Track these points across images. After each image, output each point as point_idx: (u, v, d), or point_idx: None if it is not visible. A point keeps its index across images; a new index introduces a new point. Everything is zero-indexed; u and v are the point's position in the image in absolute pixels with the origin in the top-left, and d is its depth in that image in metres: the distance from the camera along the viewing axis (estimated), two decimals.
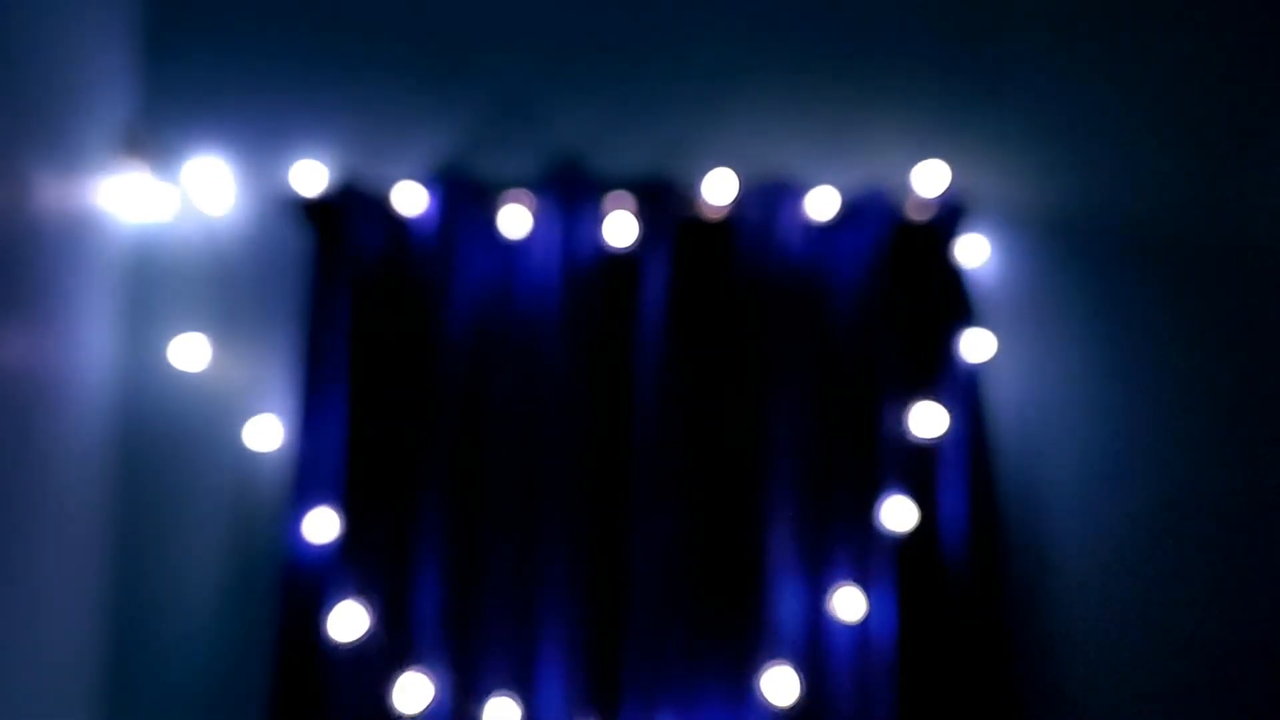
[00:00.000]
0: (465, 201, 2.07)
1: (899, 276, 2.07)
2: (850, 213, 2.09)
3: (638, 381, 2.02)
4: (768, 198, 2.08)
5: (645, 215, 2.07)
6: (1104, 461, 2.12)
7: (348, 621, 1.92)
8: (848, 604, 1.97)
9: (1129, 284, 2.16)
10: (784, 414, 2.02)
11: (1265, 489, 2.12)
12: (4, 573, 1.63)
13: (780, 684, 1.93)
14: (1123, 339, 2.15)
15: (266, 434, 2.03)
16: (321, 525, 1.95)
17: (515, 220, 2.05)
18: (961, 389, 2.04)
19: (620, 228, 2.05)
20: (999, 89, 2.19)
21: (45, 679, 1.80)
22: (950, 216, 2.09)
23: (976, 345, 2.05)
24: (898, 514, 1.99)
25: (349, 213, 2.05)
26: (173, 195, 2.08)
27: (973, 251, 2.10)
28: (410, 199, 2.06)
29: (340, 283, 2.03)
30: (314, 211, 2.06)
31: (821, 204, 2.08)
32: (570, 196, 2.07)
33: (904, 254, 2.07)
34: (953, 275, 2.09)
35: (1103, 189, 2.18)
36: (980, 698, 1.98)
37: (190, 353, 2.04)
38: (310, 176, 2.07)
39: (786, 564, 1.98)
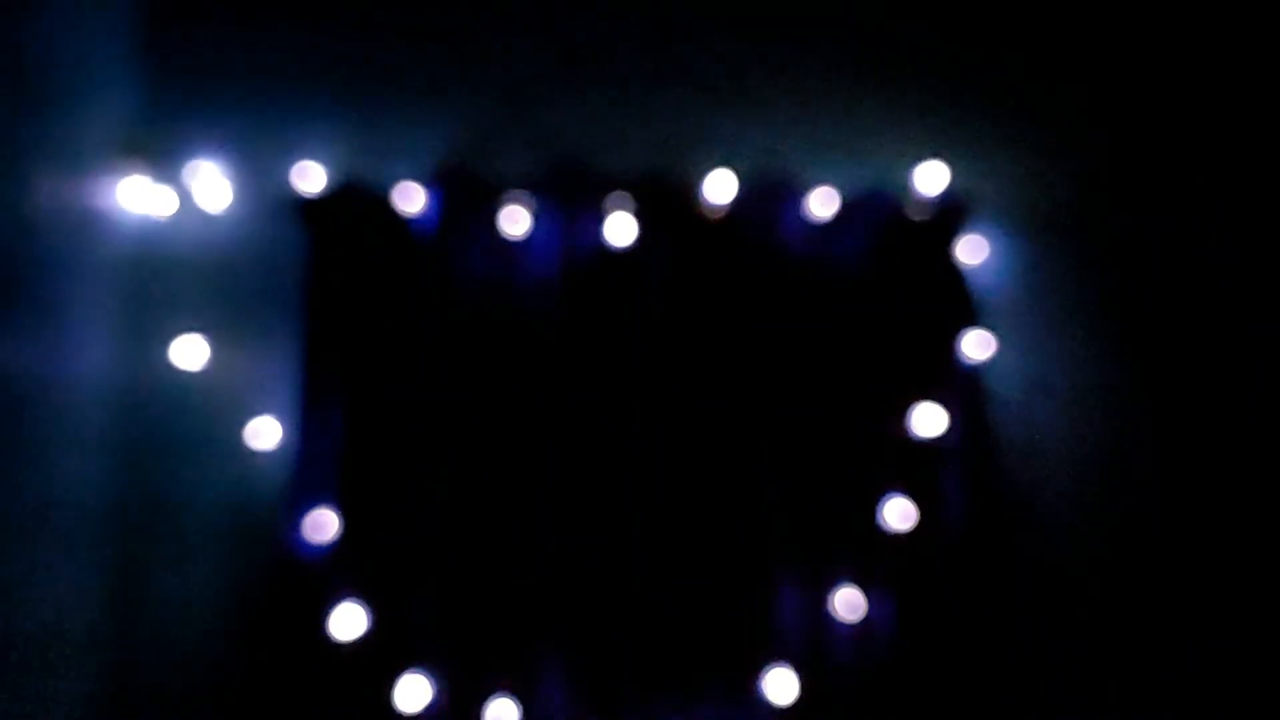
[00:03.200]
0: (465, 201, 2.06)
1: (900, 275, 2.07)
2: (850, 212, 2.09)
3: (639, 380, 2.02)
4: (768, 197, 2.08)
5: (645, 215, 2.07)
6: (1104, 458, 2.12)
7: (347, 621, 1.92)
8: (848, 604, 1.97)
9: (1128, 282, 2.16)
10: (785, 413, 2.02)
11: (1266, 487, 2.11)
12: (5, 570, 1.63)
13: (780, 685, 1.93)
14: (1123, 336, 2.15)
15: (266, 434, 2.02)
16: (321, 525, 1.95)
17: (515, 219, 2.05)
18: (962, 387, 2.04)
19: (620, 227, 2.05)
20: (999, 89, 2.19)
21: (47, 676, 1.80)
22: (951, 216, 2.09)
23: (977, 344, 2.05)
24: (899, 513, 1.99)
25: (349, 212, 2.05)
26: (172, 195, 2.08)
27: (973, 251, 2.10)
28: (410, 199, 2.05)
29: (339, 282, 2.03)
30: (313, 211, 2.06)
31: (822, 204, 2.08)
32: (570, 196, 2.07)
33: (904, 253, 2.07)
34: (954, 274, 2.09)
35: (1101, 188, 2.17)
36: (980, 694, 1.98)
37: (190, 352, 2.03)
38: (310, 176, 2.07)
39: (787, 565, 1.98)
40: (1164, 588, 2.09)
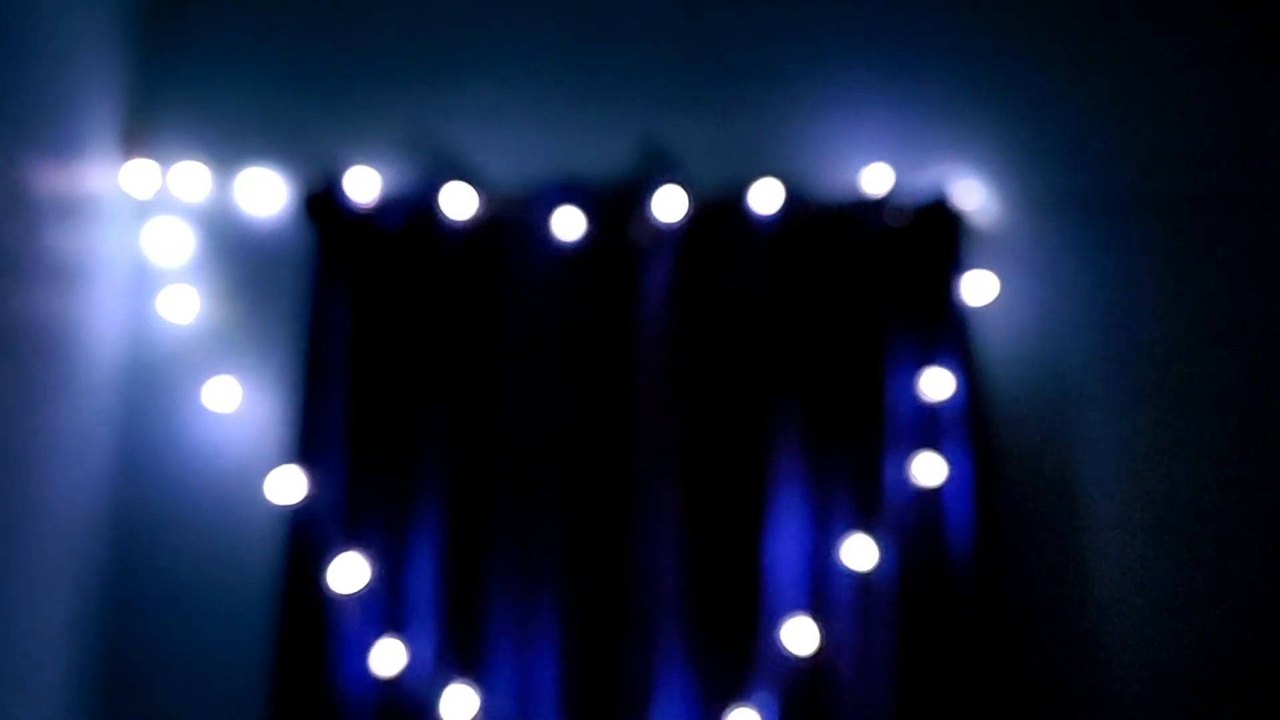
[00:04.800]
0: (461, 202, 2.06)
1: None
2: (850, 207, 2.10)
3: (639, 367, 2.02)
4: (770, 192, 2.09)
5: (641, 211, 2.08)
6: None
7: (346, 626, 1.91)
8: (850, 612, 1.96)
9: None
10: (786, 391, 2.02)
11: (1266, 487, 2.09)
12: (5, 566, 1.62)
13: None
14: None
15: (266, 434, 2.01)
16: (320, 529, 1.93)
17: (511, 220, 2.06)
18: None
19: (616, 226, 2.06)
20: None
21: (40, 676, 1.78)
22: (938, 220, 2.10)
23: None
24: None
25: (349, 211, 2.05)
26: (171, 193, 2.07)
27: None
28: (408, 198, 2.06)
29: (340, 280, 2.02)
30: (314, 210, 2.06)
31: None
32: (563, 197, 2.07)
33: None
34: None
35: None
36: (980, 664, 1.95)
37: (189, 352, 2.02)
38: (311, 175, 2.07)
39: (789, 555, 1.97)
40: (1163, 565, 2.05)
